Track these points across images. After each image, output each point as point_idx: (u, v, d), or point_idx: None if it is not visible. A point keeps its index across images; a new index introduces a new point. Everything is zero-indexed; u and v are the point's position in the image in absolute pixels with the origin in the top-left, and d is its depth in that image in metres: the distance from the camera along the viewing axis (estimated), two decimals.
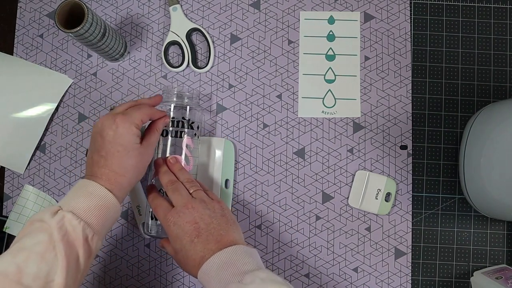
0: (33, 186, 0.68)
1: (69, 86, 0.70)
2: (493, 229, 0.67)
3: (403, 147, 0.68)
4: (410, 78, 0.69)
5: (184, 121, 0.62)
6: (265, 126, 0.69)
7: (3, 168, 0.69)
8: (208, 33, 0.70)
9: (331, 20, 0.70)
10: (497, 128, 0.57)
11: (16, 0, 0.71)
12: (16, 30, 0.71)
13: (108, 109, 0.69)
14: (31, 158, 0.68)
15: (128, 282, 0.67)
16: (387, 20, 0.70)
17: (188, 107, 0.63)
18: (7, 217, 0.65)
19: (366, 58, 0.69)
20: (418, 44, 0.70)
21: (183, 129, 0.62)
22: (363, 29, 0.70)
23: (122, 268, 0.67)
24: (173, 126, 0.62)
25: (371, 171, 0.67)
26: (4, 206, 0.68)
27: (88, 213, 0.49)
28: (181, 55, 0.69)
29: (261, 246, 0.67)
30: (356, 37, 0.70)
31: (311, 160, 0.68)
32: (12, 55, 0.70)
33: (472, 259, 0.66)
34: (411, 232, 0.67)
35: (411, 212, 0.67)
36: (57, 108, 0.69)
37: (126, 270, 0.67)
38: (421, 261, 0.66)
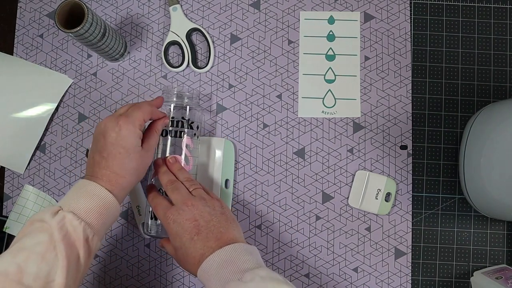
0: (33, 186, 0.68)
1: (69, 86, 0.70)
2: (493, 229, 0.67)
3: (403, 147, 0.68)
4: (410, 78, 0.69)
5: (184, 121, 0.62)
6: (265, 126, 0.68)
7: (3, 168, 0.69)
8: (208, 33, 0.70)
9: (331, 20, 0.70)
10: (497, 128, 0.57)
11: (16, 0, 0.71)
12: (16, 30, 0.71)
13: (108, 109, 0.69)
14: (31, 158, 0.68)
15: (128, 282, 0.67)
16: (387, 20, 0.70)
17: (188, 107, 0.63)
18: (7, 217, 0.65)
19: (366, 58, 0.69)
20: (418, 44, 0.70)
21: (183, 129, 0.62)
22: (363, 29, 0.70)
23: (122, 268, 0.67)
24: (173, 126, 0.62)
25: (371, 171, 0.67)
26: (4, 206, 0.68)
27: (89, 214, 0.49)
28: (181, 55, 0.69)
29: (261, 246, 0.67)
30: (356, 37, 0.70)
31: (311, 160, 0.68)
32: (12, 55, 0.70)
33: (472, 259, 0.66)
34: (411, 232, 0.67)
35: (411, 212, 0.67)
36: (57, 108, 0.69)
37: (126, 270, 0.67)
38: (421, 261, 0.66)
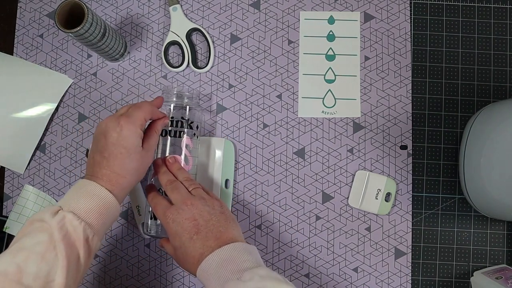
0: (33, 186, 0.68)
1: (69, 86, 0.70)
2: (493, 229, 0.67)
3: (403, 147, 0.68)
4: (410, 78, 0.69)
5: (184, 121, 0.62)
6: (265, 126, 0.68)
7: (3, 168, 0.69)
8: (208, 33, 0.70)
9: (331, 20, 0.70)
10: (497, 128, 0.57)
11: (16, 0, 0.71)
12: (16, 30, 0.71)
13: (108, 109, 0.69)
14: (31, 158, 0.68)
15: (128, 282, 0.67)
16: (387, 20, 0.70)
17: (188, 107, 0.63)
18: (7, 217, 0.65)
19: (366, 58, 0.69)
20: (418, 44, 0.70)
21: (182, 129, 0.62)
22: (363, 29, 0.70)
23: (122, 268, 0.67)
24: (172, 126, 0.62)
25: (371, 171, 0.67)
26: (4, 206, 0.68)
27: (89, 214, 0.49)
28: (181, 55, 0.69)
29: (261, 246, 0.67)
30: (356, 37, 0.70)
31: (311, 160, 0.68)
32: (12, 55, 0.70)
33: (472, 259, 0.66)
34: (411, 232, 0.67)
35: (411, 212, 0.67)
36: (57, 108, 0.69)
37: (126, 270, 0.67)
38: (421, 261, 0.66)
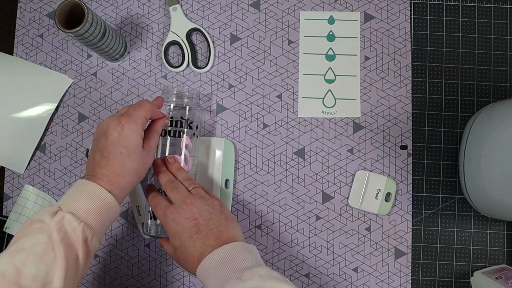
0: (33, 186, 0.68)
1: (69, 86, 0.70)
2: (493, 229, 0.67)
3: (403, 147, 0.68)
4: (410, 78, 0.69)
5: (183, 121, 0.62)
6: (265, 126, 0.68)
7: (3, 168, 0.69)
8: (208, 33, 0.70)
9: (331, 20, 0.70)
10: (497, 128, 0.57)
11: (16, 0, 0.71)
12: (16, 30, 0.71)
13: (108, 109, 0.69)
14: (31, 158, 0.68)
15: (128, 282, 0.67)
16: (387, 20, 0.70)
17: (188, 107, 0.63)
18: (7, 217, 0.65)
19: (366, 58, 0.69)
20: (418, 44, 0.70)
21: (182, 129, 0.62)
22: (363, 29, 0.70)
23: (122, 268, 0.67)
24: (172, 126, 0.62)
25: (371, 171, 0.67)
26: (4, 206, 0.68)
27: (88, 214, 0.49)
28: (181, 55, 0.69)
29: (261, 246, 0.67)
30: (356, 37, 0.70)
31: (311, 160, 0.68)
32: (12, 55, 0.70)
33: (472, 259, 0.66)
34: (411, 232, 0.67)
35: (411, 212, 0.67)
36: (57, 108, 0.69)
37: (126, 270, 0.67)
38: (421, 261, 0.66)
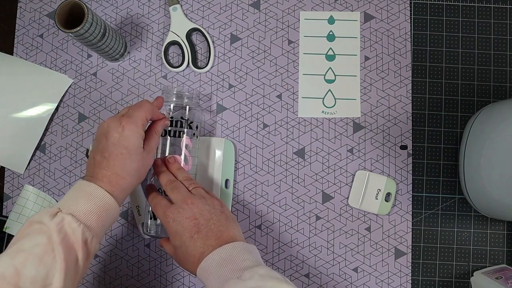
0: (33, 186, 0.68)
1: (69, 86, 0.70)
2: (493, 229, 0.67)
3: (403, 147, 0.68)
4: (410, 78, 0.69)
5: (183, 121, 0.62)
6: (265, 126, 0.68)
7: (3, 168, 0.69)
8: (208, 33, 0.70)
9: (331, 20, 0.70)
10: (497, 128, 0.57)
11: (16, 0, 0.71)
12: (16, 30, 0.71)
13: (108, 109, 0.69)
14: (31, 158, 0.68)
15: (128, 282, 0.67)
16: (387, 20, 0.70)
17: (188, 107, 0.63)
18: (7, 217, 0.65)
19: (366, 58, 0.69)
20: (418, 44, 0.70)
21: (182, 129, 0.62)
22: (363, 29, 0.70)
23: (122, 268, 0.67)
24: (172, 126, 0.62)
25: (371, 171, 0.67)
26: (4, 206, 0.68)
27: (88, 216, 0.49)
28: (181, 55, 0.69)
29: (261, 246, 0.67)
30: (356, 37, 0.70)
31: (311, 160, 0.68)
32: (12, 55, 0.70)
33: (472, 259, 0.66)
34: (411, 232, 0.67)
35: (411, 212, 0.67)
36: (57, 108, 0.69)
37: (126, 270, 0.67)
38: (421, 261, 0.66)
